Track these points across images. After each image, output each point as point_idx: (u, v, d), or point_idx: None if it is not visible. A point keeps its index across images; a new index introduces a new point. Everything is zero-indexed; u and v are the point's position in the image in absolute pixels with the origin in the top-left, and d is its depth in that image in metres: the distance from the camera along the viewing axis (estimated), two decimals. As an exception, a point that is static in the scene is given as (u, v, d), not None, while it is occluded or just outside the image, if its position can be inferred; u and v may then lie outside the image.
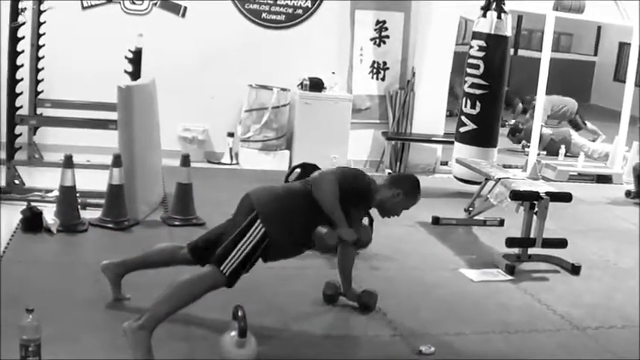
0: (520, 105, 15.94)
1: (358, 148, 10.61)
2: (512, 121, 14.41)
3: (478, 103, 9.15)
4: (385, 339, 4.83)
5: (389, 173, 10.36)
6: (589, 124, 14.26)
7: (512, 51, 14.53)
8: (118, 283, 4.98)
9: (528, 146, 11.66)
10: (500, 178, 7.28)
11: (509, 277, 6.42)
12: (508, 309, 5.71)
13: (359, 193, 4.84)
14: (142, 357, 4.14)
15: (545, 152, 12.46)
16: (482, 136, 9.29)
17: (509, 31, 9.15)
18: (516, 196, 6.74)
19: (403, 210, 5.05)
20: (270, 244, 4.56)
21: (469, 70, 9.24)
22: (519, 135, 13.49)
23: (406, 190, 4.97)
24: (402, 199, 4.96)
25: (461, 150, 9.32)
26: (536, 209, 6.71)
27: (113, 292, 4.97)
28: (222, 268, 4.42)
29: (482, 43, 9.10)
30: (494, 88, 9.15)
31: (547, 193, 6.71)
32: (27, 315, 3.80)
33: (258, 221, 4.51)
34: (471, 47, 9.25)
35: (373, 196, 4.92)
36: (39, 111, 8.64)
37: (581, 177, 11.20)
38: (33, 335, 3.81)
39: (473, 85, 9.19)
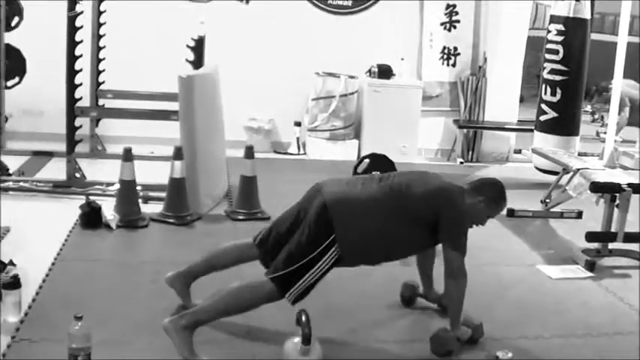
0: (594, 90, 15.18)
1: (429, 137, 10.44)
2: (589, 107, 13.88)
3: (558, 90, 8.89)
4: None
5: (461, 162, 10.22)
6: None
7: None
8: (188, 293, 4.69)
9: (604, 132, 11.30)
10: (579, 169, 6.96)
11: (590, 274, 6.12)
12: (590, 309, 5.42)
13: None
14: (189, 356, 4.06)
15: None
16: (564, 125, 9.03)
17: (588, 14, 8.84)
18: (597, 188, 6.42)
19: (489, 219, 4.72)
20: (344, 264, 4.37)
21: (547, 56, 8.99)
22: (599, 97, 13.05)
23: (489, 197, 4.62)
24: (485, 207, 4.60)
25: (541, 139, 9.07)
26: (617, 201, 6.40)
27: (184, 302, 4.66)
28: (287, 295, 4.18)
29: (560, 27, 8.83)
30: (574, 73, 8.88)
31: (629, 185, 6.39)
32: (76, 322, 3.64)
33: (336, 246, 4.23)
34: (549, 32, 8.99)
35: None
36: (101, 102, 8.60)
37: (661, 165, 10.84)
38: (83, 344, 3.66)
39: (552, 71, 8.93)
